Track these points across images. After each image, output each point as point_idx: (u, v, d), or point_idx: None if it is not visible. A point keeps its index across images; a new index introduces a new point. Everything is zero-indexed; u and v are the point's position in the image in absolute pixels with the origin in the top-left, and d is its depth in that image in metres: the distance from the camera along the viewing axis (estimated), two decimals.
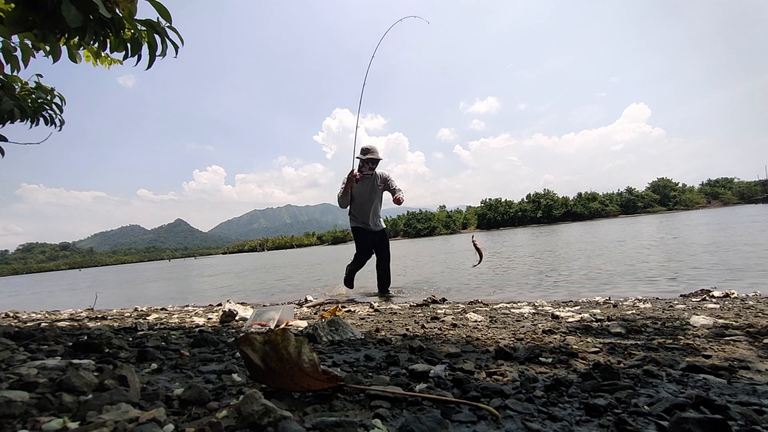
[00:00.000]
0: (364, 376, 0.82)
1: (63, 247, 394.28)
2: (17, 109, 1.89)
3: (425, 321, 1.75)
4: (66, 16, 1.16)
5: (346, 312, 2.35)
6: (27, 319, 3.06)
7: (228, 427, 0.50)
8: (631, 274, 4.19)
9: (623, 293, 3.09)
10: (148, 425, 0.48)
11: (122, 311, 3.67)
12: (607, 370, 0.79)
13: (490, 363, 0.94)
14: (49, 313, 3.98)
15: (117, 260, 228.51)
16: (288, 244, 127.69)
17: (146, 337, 1.31)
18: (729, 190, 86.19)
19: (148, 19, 1.56)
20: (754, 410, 0.58)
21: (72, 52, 1.65)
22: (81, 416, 0.52)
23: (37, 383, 0.64)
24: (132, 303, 4.99)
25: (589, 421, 0.59)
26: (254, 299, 4.55)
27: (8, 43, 1.68)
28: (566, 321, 1.67)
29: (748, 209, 29.92)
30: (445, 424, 0.53)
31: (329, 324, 1.33)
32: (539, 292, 3.50)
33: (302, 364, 0.64)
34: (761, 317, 1.57)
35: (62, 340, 1.20)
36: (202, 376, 0.81)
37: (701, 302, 2.22)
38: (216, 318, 2.38)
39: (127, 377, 0.64)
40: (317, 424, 0.53)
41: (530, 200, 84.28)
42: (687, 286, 3.06)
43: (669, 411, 0.59)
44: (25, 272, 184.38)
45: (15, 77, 1.93)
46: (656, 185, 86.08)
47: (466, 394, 0.69)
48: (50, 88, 2.11)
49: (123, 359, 0.95)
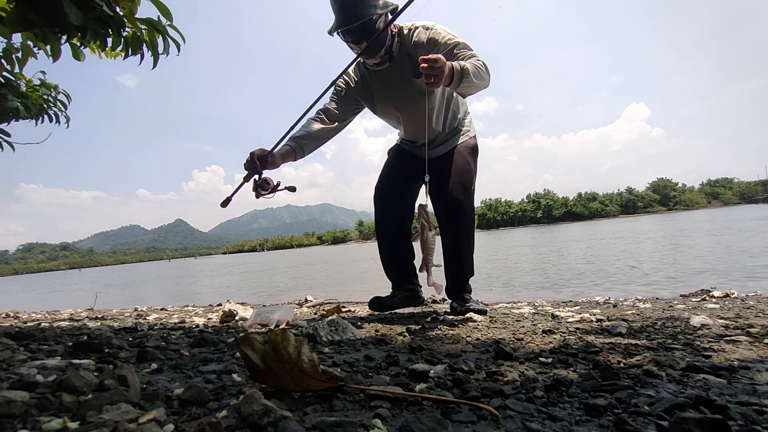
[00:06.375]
0: (364, 376, 0.82)
1: (63, 247, 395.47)
2: (22, 107, 1.89)
3: (425, 321, 1.75)
4: (68, 14, 1.16)
5: (346, 312, 2.35)
6: (27, 319, 3.06)
7: (228, 427, 0.50)
8: (631, 274, 4.19)
9: (623, 293, 3.09)
10: (148, 425, 0.48)
11: (122, 311, 3.67)
12: (607, 370, 0.79)
13: (490, 363, 0.94)
14: (49, 313, 3.98)
15: (117, 260, 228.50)
16: (288, 244, 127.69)
17: (146, 337, 1.31)
18: (729, 190, 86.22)
19: (149, 17, 1.56)
20: (754, 410, 0.58)
21: (75, 51, 1.65)
22: (81, 416, 0.52)
23: (37, 383, 0.64)
24: (132, 303, 4.99)
25: (589, 421, 0.59)
26: (254, 299, 4.55)
27: (11, 44, 1.68)
28: (566, 321, 1.67)
29: (750, 209, 29.92)
30: (445, 424, 0.53)
31: (329, 324, 1.33)
32: (539, 292, 3.51)
33: (302, 364, 0.64)
34: (761, 317, 1.57)
35: (62, 340, 1.20)
36: (202, 376, 0.81)
37: (701, 302, 2.21)
38: (216, 318, 2.38)
39: (127, 377, 0.64)
40: (317, 424, 0.53)
41: (530, 200, 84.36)
42: (687, 286, 3.06)
43: (669, 411, 0.59)
44: (25, 272, 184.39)
45: (19, 74, 1.93)
46: (656, 185, 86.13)
47: (466, 394, 0.69)
48: (54, 84, 2.11)
49: (123, 359, 0.95)
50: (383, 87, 1.89)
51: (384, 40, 1.68)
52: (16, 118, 1.92)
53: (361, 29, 1.59)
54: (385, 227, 2.07)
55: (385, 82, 1.86)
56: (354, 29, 1.59)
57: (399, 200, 2.05)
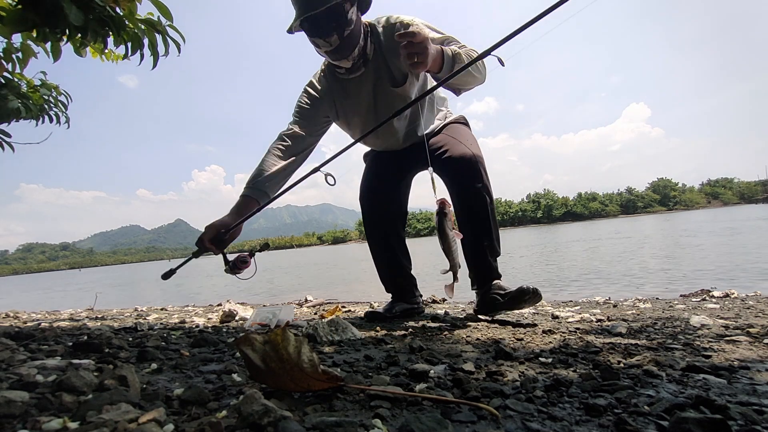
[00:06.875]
0: (364, 376, 0.82)
1: (63, 247, 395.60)
2: (23, 108, 1.89)
3: (425, 321, 1.75)
4: (68, 14, 1.17)
5: (346, 312, 2.35)
6: (27, 319, 3.06)
7: (228, 427, 0.50)
8: (631, 274, 4.19)
9: (623, 293, 3.09)
10: (148, 425, 0.48)
11: (122, 311, 3.67)
12: (607, 370, 0.79)
13: (490, 363, 0.94)
14: (49, 313, 3.98)
15: (117, 260, 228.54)
16: (288, 244, 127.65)
17: (146, 337, 1.31)
18: (729, 190, 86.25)
19: (149, 18, 1.56)
20: (754, 410, 0.58)
21: (76, 47, 1.65)
22: (81, 416, 0.52)
23: (37, 383, 0.64)
24: (132, 303, 4.99)
25: (589, 421, 0.59)
26: (254, 299, 4.55)
27: (11, 44, 1.68)
28: (566, 321, 1.67)
29: (750, 209, 29.90)
30: (445, 423, 0.53)
31: (329, 324, 1.33)
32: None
33: (302, 364, 0.64)
34: (761, 317, 1.57)
35: (62, 340, 1.20)
36: (202, 376, 0.81)
37: (701, 302, 2.22)
38: (216, 318, 2.38)
39: (127, 377, 0.64)
40: (317, 423, 0.53)
41: (530, 200, 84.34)
42: (687, 286, 3.06)
43: (669, 411, 0.59)
44: (25, 272, 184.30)
45: (19, 75, 1.93)
46: (656, 185, 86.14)
47: (466, 394, 0.69)
48: (55, 85, 2.11)
49: (123, 359, 0.95)
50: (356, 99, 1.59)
51: (357, 37, 1.42)
52: (17, 119, 1.92)
53: (330, 16, 1.32)
54: (377, 232, 1.85)
55: (357, 92, 1.57)
56: (320, 16, 1.31)
57: (390, 201, 1.82)
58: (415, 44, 1.16)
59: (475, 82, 1.44)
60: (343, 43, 1.39)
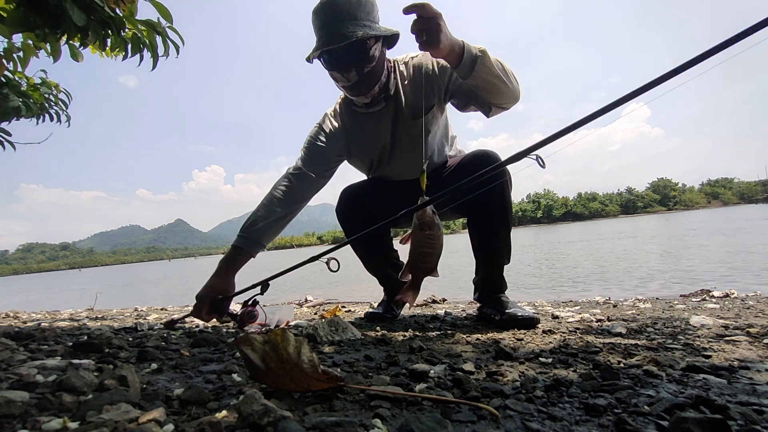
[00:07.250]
0: (364, 376, 0.82)
1: (63, 247, 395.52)
2: (23, 106, 1.89)
3: (425, 321, 1.75)
4: (71, 15, 1.17)
5: (346, 312, 2.35)
6: (27, 319, 3.06)
7: (228, 427, 0.50)
8: (631, 274, 4.19)
9: (623, 293, 3.09)
10: (148, 425, 0.48)
11: (122, 311, 3.67)
12: (607, 370, 0.79)
13: (490, 363, 0.94)
14: (49, 313, 3.98)
15: (117, 260, 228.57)
16: (288, 244, 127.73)
17: (146, 337, 1.31)
18: (729, 190, 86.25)
19: (149, 19, 1.57)
20: (754, 410, 0.58)
21: (74, 51, 1.66)
22: (81, 416, 0.52)
23: (37, 383, 0.64)
24: (132, 303, 4.99)
25: (588, 421, 0.59)
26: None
27: (12, 44, 1.68)
28: (566, 321, 1.67)
29: (750, 209, 29.91)
30: (445, 423, 0.53)
31: (329, 324, 1.33)
32: (539, 292, 3.51)
33: (302, 364, 0.64)
34: (761, 317, 1.57)
35: (62, 340, 1.20)
36: (202, 376, 0.81)
37: (701, 302, 2.21)
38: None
39: (127, 377, 0.64)
40: (317, 423, 0.53)
41: (530, 200, 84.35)
42: (687, 286, 3.06)
43: (669, 411, 0.59)
44: (25, 272, 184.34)
45: (20, 73, 1.94)
46: (656, 185, 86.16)
47: (466, 394, 0.69)
48: (55, 83, 2.11)
49: (123, 359, 0.95)
50: (373, 134, 1.50)
51: (378, 74, 1.36)
52: (18, 117, 1.92)
53: (351, 52, 1.26)
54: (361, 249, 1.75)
55: (375, 127, 1.48)
56: (341, 50, 1.25)
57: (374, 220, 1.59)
58: (425, 19, 1.03)
59: (506, 91, 1.29)
60: (362, 80, 1.33)
